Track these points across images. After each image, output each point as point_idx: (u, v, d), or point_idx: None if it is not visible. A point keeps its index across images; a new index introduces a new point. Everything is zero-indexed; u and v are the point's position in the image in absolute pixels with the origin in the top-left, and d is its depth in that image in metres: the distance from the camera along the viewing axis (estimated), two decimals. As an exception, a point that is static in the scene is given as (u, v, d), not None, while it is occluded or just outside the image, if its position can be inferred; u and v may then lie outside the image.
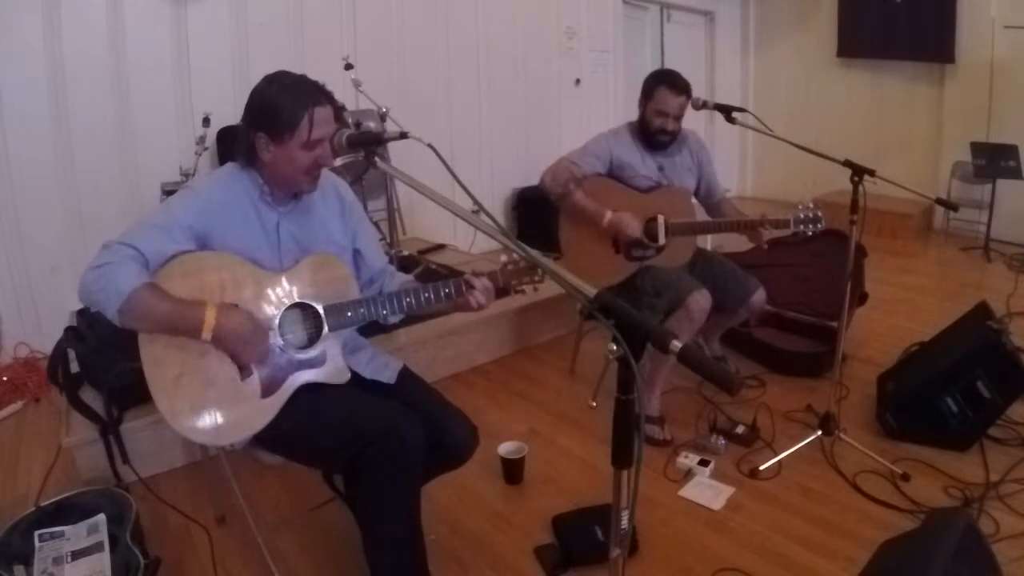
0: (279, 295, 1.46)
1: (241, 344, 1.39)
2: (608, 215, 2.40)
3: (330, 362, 1.51)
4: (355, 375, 1.57)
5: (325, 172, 1.54)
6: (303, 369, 1.48)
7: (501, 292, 1.56)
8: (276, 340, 1.45)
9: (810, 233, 2.33)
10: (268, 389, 1.44)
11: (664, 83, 2.40)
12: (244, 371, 1.42)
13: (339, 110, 1.49)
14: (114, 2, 3.17)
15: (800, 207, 2.32)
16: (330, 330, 1.48)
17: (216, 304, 1.36)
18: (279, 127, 1.40)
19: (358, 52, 3.81)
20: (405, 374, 1.69)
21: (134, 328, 1.36)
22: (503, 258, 1.52)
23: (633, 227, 2.39)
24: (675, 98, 2.38)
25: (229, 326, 1.36)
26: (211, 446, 1.80)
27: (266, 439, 1.48)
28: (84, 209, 3.20)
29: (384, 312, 1.52)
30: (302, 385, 1.48)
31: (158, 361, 1.37)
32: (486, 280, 1.51)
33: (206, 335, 1.34)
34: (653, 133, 2.46)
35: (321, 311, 1.48)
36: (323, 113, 1.42)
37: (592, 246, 2.50)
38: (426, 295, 1.51)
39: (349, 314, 1.49)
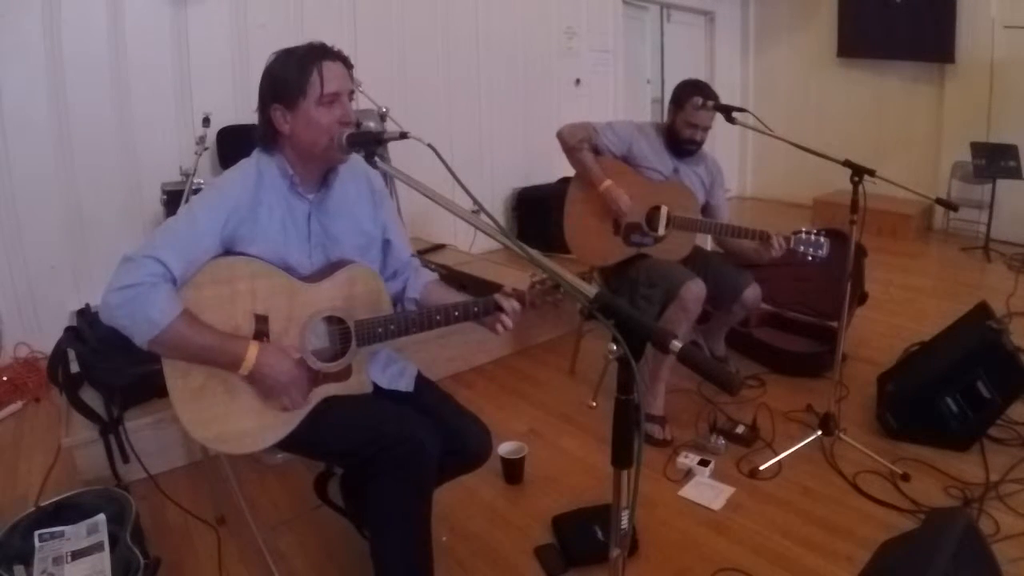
0: (311, 307, 1.43)
1: (277, 390, 1.37)
2: (606, 183, 2.47)
3: (354, 376, 1.49)
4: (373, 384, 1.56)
5: (357, 160, 1.47)
6: (327, 383, 1.46)
7: (525, 306, 1.52)
8: (309, 360, 1.42)
9: (810, 259, 2.32)
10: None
11: (696, 95, 2.42)
12: None
13: (351, 68, 1.44)
14: (114, 2, 3.17)
15: (804, 230, 2.33)
16: (358, 345, 1.46)
17: (256, 342, 1.34)
18: (291, 91, 1.36)
19: (358, 52, 3.80)
20: (420, 380, 1.67)
21: (163, 355, 1.33)
22: (532, 277, 1.48)
23: (624, 202, 2.47)
24: (707, 112, 2.43)
25: (266, 371, 1.34)
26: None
27: (278, 441, 1.47)
28: (84, 209, 3.21)
29: (414, 329, 1.47)
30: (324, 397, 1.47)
31: (181, 370, 1.34)
32: (516, 303, 1.47)
33: (243, 373, 1.33)
34: (683, 142, 2.52)
35: (351, 327, 1.45)
36: (334, 67, 1.38)
37: (593, 222, 2.55)
38: (456, 314, 1.47)
39: (379, 330, 1.46)
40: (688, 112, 2.45)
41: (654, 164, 2.55)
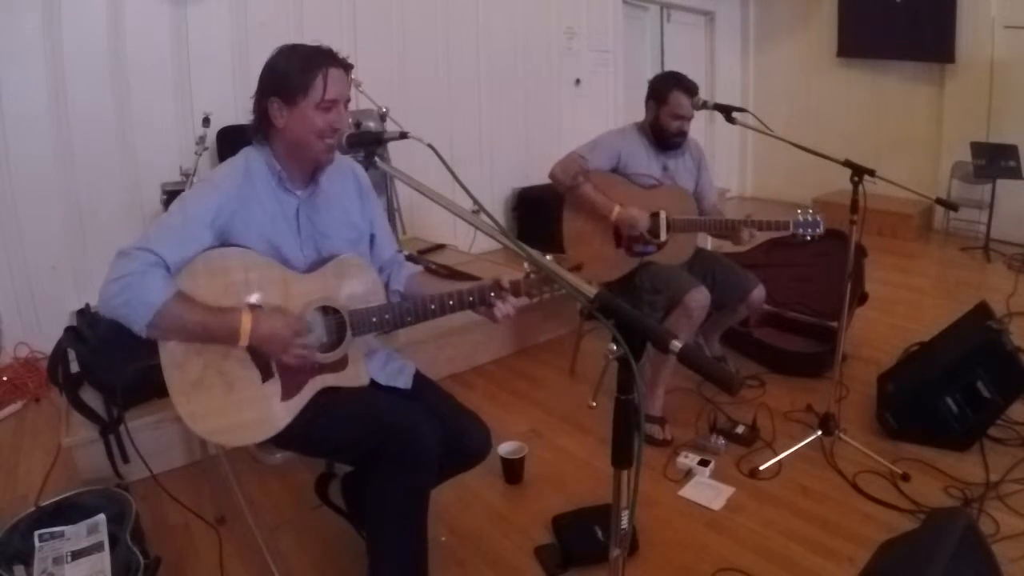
0: (305, 297, 1.44)
1: (280, 348, 1.37)
2: (617, 209, 2.45)
3: (351, 366, 1.50)
4: (371, 381, 1.56)
5: (343, 156, 1.49)
6: (324, 373, 1.47)
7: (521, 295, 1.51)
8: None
9: (808, 238, 2.37)
10: (288, 392, 1.43)
11: (677, 87, 2.44)
12: (265, 373, 1.41)
13: (350, 71, 1.46)
14: (114, 2, 3.17)
15: (800, 211, 2.37)
16: (354, 335, 1.46)
17: (249, 310, 1.35)
18: (292, 88, 1.38)
19: (358, 52, 3.81)
20: (419, 378, 1.68)
21: (163, 339, 1.34)
22: (527, 267, 1.47)
23: (642, 221, 2.44)
24: (689, 100, 2.44)
25: (266, 332, 1.34)
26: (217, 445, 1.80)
27: (279, 436, 1.47)
28: (84, 208, 3.21)
29: (409, 319, 1.48)
30: (321, 388, 1.47)
31: (178, 363, 1.35)
32: (516, 300, 1.47)
33: (243, 343, 1.33)
34: (671, 136, 2.52)
35: (346, 316, 1.46)
36: (337, 74, 1.41)
37: (594, 240, 2.53)
38: (451, 303, 1.47)
39: (374, 319, 1.46)
40: (672, 105, 2.45)
41: (644, 168, 2.55)
